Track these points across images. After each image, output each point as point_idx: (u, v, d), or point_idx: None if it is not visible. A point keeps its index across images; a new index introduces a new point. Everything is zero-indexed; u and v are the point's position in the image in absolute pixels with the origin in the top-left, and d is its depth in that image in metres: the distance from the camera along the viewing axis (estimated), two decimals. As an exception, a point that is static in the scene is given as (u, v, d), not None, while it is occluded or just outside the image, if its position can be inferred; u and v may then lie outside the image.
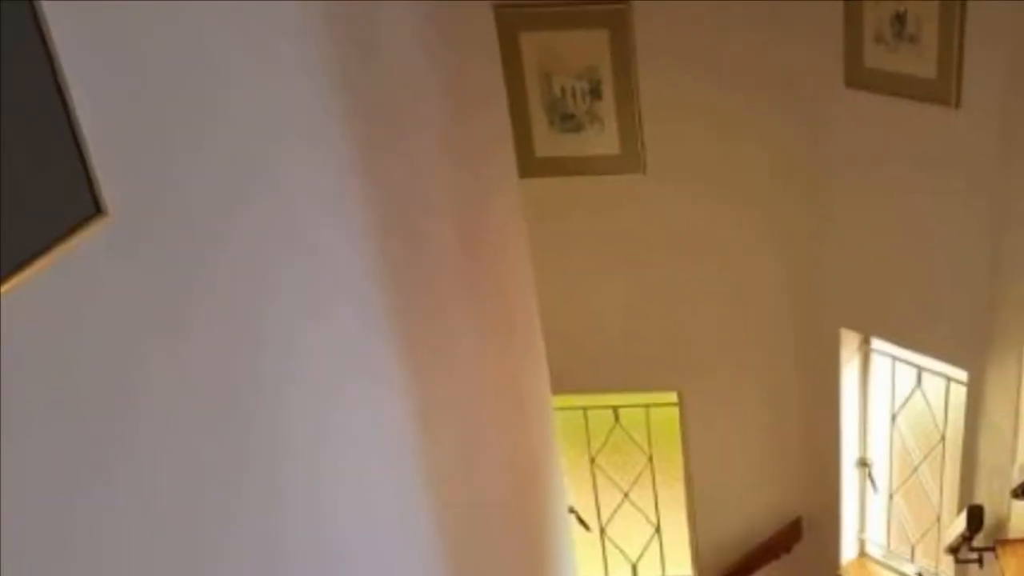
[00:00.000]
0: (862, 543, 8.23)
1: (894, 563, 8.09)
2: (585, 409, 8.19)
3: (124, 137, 1.66)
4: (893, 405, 7.51)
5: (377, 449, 2.72)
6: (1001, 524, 5.90)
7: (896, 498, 7.90)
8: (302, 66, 2.33)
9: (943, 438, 7.25)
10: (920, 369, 7.15)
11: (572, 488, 7.17)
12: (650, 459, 8.41)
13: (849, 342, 7.27)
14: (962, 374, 6.56)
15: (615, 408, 8.16)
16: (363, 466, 2.61)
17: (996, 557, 5.78)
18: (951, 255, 6.16)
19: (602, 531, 8.75)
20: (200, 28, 1.89)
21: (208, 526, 1.83)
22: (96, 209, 1.56)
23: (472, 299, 3.72)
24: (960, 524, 6.08)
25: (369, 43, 2.75)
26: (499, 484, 4.06)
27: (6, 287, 1.44)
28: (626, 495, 8.60)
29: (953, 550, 6.39)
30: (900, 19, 5.72)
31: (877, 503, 8.01)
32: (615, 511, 8.66)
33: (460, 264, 3.57)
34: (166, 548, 1.71)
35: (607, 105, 6.76)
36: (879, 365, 7.43)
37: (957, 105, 5.66)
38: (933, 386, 7.14)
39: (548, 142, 6.84)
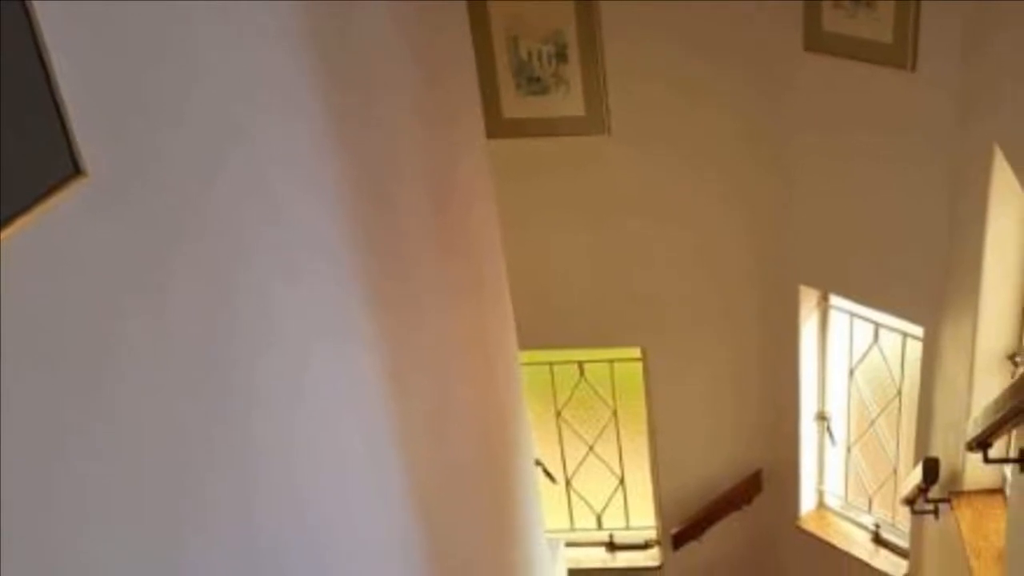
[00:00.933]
0: (820, 495, 8.26)
1: (852, 514, 8.13)
2: (551, 364, 8.21)
3: (103, 100, 1.65)
4: (851, 360, 7.54)
5: (349, 404, 2.71)
6: (956, 476, 5.93)
7: (854, 451, 7.93)
8: (278, 34, 2.32)
9: (899, 393, 7.28)
10: (877, 325, 7.18)
11: (538, 441, 7.18)
12: (614, 413, 8.43)
13: (808, 299, 7.30)
14: (918, 330, 6.59)
15: (580, 363, 8.19)
16: (336, 421, 2.60)
17: (951, 508, 5.81)
18: (908, 215, 6.18)
19: (568, 483, 8.78)
20: (178, -6, 1.88)
21: (186, 480, 1.83)
22: (75, 170, 1.55)
23: (441, 259, 3.72)
24: (916, 476, 6.11)
25: (343, 12, 2.75)
26: (468, 438, 4.06)
27: (-12, 246, 1.44)
28: (591, 448, 8.62)
29: (909, 501, 6.42)
30: (858, -17, 5.73)
31: (835, 456, 8.05)
32: (580, 463, 8.69)
33: (430, 225, 3.57)
34: (146, 502, 1.70)
35: (573, 68, 6.75)
36: (837, 321, 7.46)
37: (913, 68, 5.66)
38: (890, 342, 7.17)
39: (515, 104, 6.83)
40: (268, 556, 2.16)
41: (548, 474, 7.89)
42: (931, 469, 5.89)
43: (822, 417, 7.85)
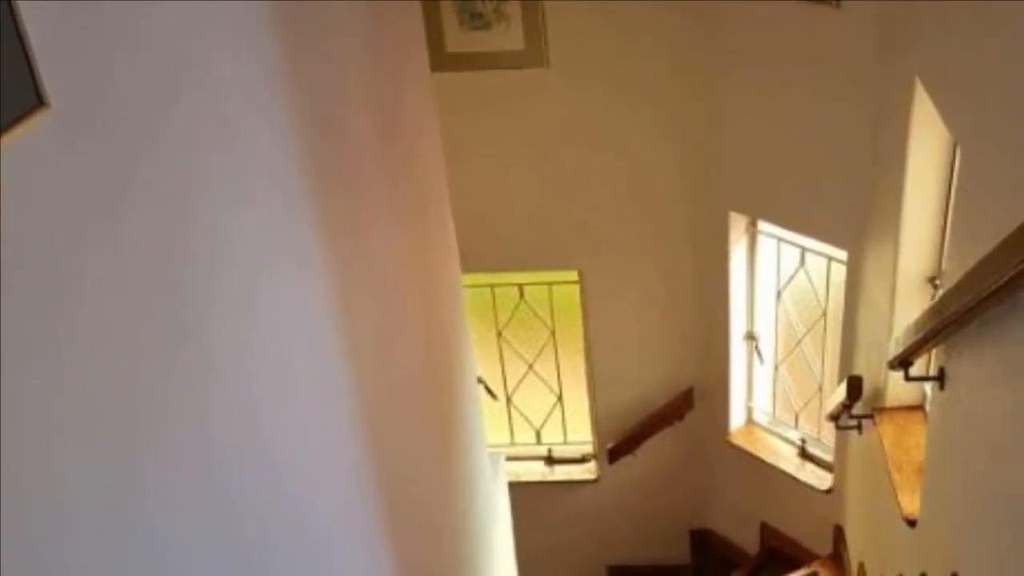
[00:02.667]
0: (749, 411, 8.33)
1: (779, 430, 8.20)
2: (492, 287, 8.24)
3: (63, 34, 1.64)
4: (778, 283, 7.59)
5: (300, 323, 2.73)
6: (878, 393, 5.98)
7: (781, 369, 7.99)
8: (231, -31, 2.32)
9: (825, 314, 7.34)
10: (803, 250, 7.22)
11: (480, 360, 7.21)
12: (552, 333, 8.47)
13: (738, 225, 7.33)
14: (842, 254, 6.64)
15: (520, 286, 8.21)
16: (287, 339, 2.62)
17: (874, 424, 5.86)
18: (833, 145, 6.22)
19: (508, 399, 8.81)
20: (134, -69, 1.88)
21: (144, 396, 1.84)
22: (39, 101, 1.55)
23: (388, 186, 3.72)
24: (840, 394, 6.16)
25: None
26: (413, 356, 4.08)
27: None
28: (530, 366, 8.66)
29: (834, 417, 6.48)
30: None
31: (763, 374, 8.11)
32: (520, 381, 8.73)
33: (377, 154, 3.57)
34: (106, 417, 1.71)
35: (513, 4, 6.76)
36: (765, 246, 7.50)
37: (838, 4, 5.69)
38: (815, 265, 7.22)
39: (458, 39, 6.83)
40: (223, 469, 2.17)
41: (489, 391, 7.92)
42: (854, 387, 5.93)
43: (751, 337, 7.91)
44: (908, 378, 4.72)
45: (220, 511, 2.14)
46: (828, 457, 7.70)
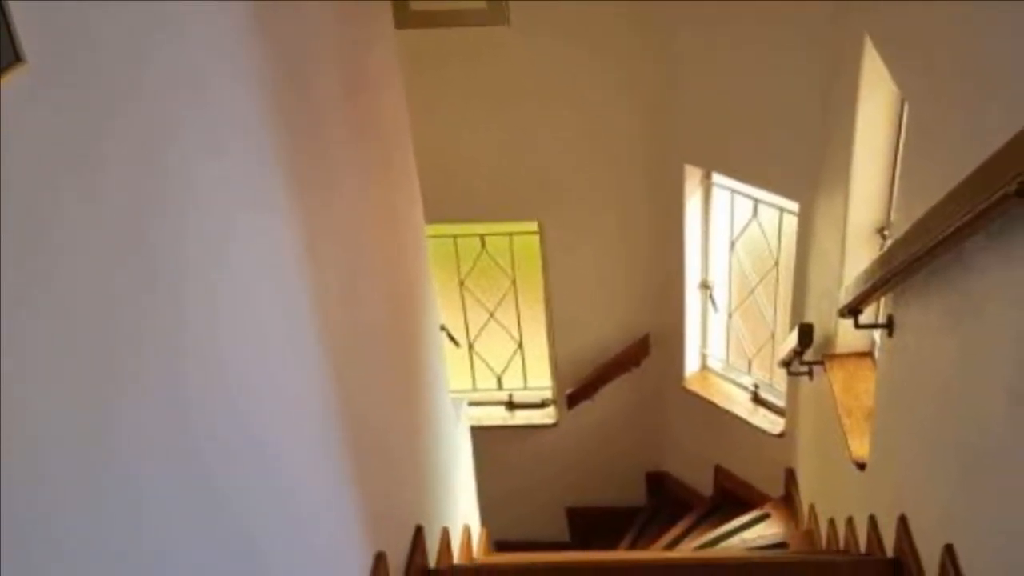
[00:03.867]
0: (704, 357, 8.38)
1: (732, 375, 8.26)
2: (455, 237, 8.26)
3: (38, -9, 1.65)
4: (732, 233, 7.64)
5: (269, 272, 2.73)
6: (829, 340, 6.03)
7: (734, 317, 8.04)
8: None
9: (777, 263, 7.38)
10: (756, 201, 7.26)
11: (443, 308, 7.22)
12: (513, 282, 8.50)
13: (692, 177, 7.36)
14: (794, 206, 6.67)
15: (482, 236, 8.24)
16: (256, 286, 2.62)
17: (824, 370, 5.91)
18: (785, 100, 6.25)
19: (470, 347, 8.85)
20: None
21: (119, 340, 1.85)
22: (16, 57, 1.55)
23: (354, 140, 3.72)
24: (792, 340, 6.20)
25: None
26: (378, 304, 4.09)
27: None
28: (492, 314, 8.69)
29: (785, 364, 6.53)
30: None
31: (717, 322, 8.16)
32: (482, 329, 8.76)
33: (344, 109, 3.57)
34: (81, 361, 1.72)
35: (476, -37, 6.76)
36: (719, 197, 7.54)
37: (792, -35, 5.72)
38: (768, 216, 7.27)
39: (423, -4, 6.85)
40: (195, 411, 2.18)
41: (452, 338, 7.94)
42: (806, 334, 5.98)
43: (705, 286, 7.95)
44: (858, 326, 4.76)
45: (192, 455, 2.15)
46: (780, 402, 7.76)
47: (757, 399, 8.05)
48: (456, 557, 5.48)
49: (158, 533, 1.98)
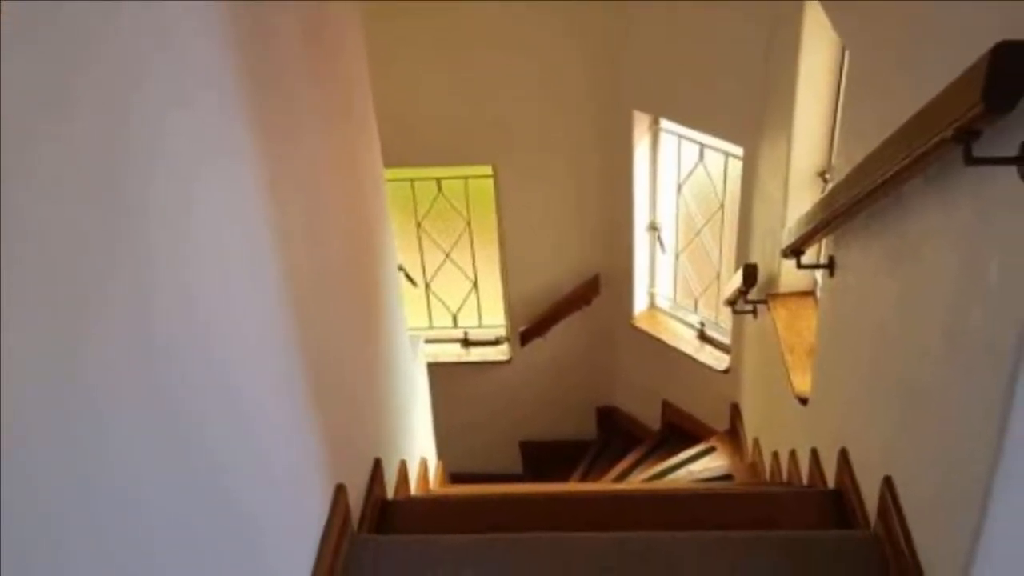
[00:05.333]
0: (652, 296, 8.43)
1: (680, 314, 8.31)
2: (412, 181, 8.27)
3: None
4: (679, 177, 7.67)
5: (233, 215, 2.73)
6: (772, 280, 6.06)
7: (681, 258, 8.08)
8: None
9: (722, 206, 7.42)
10: (702, 146, 7.30)
11: (401, 249, 7.23)
12: (468, 224, 8.51)
13: (641, 123, 7.38)
14: (739, 150, 6.70)
15: (438, 180, 8.25)
16: (221, 229, 2.62)
17: (768, 309, 5.94)
18: (730, 48, 6.26)
19: (427, 286, 8.87)
20: None
21: (88, 281, 1.85)
22: (-12, 5, 1.55)
23: (315, 87, 3.71)
24: (737, 280, 6.24)
25: None
26: (338, 246, 4.09)
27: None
28: (448, 255, 8.71)
29: (731, 303, 6.57)
30: None
31: (665, 262, 8.20)
32: (438, 269, 8.78)
33: (305, 57, 3.55)
34: (51, 300, 1.72)
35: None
36: (667, 142, 7.56)
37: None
38: (713, 161, 7.29)
39: (379, -54, 6.81)
40: (162, 351, 2.18)
41: (410, 278, 7.97)
42: (750, 274, 6.01)
43: (653, 227, 7.98)
44: (800, 266, 4.79)
45: (159, 394, 2.15)
46: (725, 340, 7.82)
47: (703, 337, 8.10)
48: (413, 489, 5.51)
49: (125, 463, 1.98)
